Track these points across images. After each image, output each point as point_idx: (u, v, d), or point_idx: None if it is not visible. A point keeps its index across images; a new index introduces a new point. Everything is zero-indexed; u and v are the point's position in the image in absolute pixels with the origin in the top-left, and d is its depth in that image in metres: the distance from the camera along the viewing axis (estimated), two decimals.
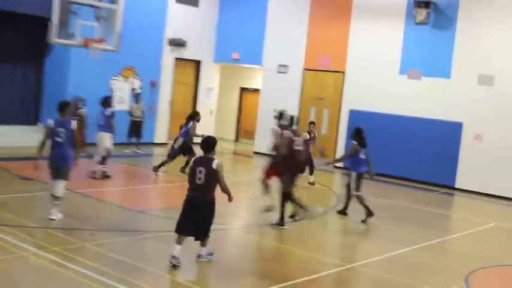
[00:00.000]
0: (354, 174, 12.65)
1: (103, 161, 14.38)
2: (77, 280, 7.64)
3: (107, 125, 14.36)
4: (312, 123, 16.94)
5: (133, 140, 19.60)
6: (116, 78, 20.66)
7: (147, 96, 21.31)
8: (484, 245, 11.95)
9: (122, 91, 20.81)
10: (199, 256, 8.78)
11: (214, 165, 8.42)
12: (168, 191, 14.87)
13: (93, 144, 14.85)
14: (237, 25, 23.09)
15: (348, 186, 12.80)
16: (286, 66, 21.83)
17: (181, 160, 15.66)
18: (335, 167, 19.11)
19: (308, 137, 15.67)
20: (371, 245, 11.29)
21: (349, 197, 12.88)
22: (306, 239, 11.20)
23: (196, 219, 8.50)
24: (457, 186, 18.04)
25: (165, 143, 22.36)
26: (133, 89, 21.08)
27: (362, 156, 12.65)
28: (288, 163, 11.49)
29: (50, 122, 10.50)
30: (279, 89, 21.83)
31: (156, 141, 22.06)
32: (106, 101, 14.73)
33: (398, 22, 19.28)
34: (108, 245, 9.27)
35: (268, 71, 22.34)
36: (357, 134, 12.83)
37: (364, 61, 19.98)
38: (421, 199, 16.37)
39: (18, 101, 19.96)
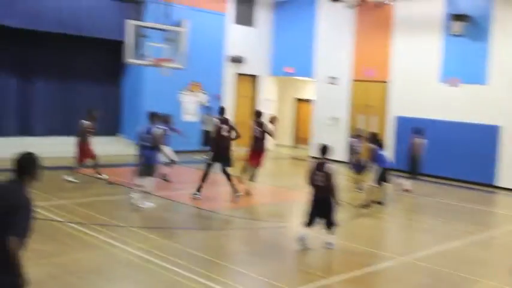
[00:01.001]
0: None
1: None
2: (163, 274, 7.81)
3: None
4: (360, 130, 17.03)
5: (205, 147, 19.86)
6: (184, 92, 21.00)
7: (213, 108, 21.46)
8: None
9: (190, 104, 21.17)
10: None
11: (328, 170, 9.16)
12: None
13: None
14: (289, 42, 23.22)
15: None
16: (335, 78, 21.79)
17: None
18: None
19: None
20: (423, 239, 11.14)
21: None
22: (358, 234, 11.12)
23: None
24: (498, 184, 17.62)
25: None
26: (200, 102, 21.40)
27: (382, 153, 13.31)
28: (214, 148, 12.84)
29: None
30: (330, 99, 21.81)
31: None
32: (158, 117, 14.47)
33: (437, 34, 19.02)
34: (186, 241, 9.43)
35: (320, 82, 22.34)
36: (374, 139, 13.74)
37: (407, 71, 19.78)
38: (466, 197, 15.98)
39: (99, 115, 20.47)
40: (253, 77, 23.72)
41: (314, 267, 8.80)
